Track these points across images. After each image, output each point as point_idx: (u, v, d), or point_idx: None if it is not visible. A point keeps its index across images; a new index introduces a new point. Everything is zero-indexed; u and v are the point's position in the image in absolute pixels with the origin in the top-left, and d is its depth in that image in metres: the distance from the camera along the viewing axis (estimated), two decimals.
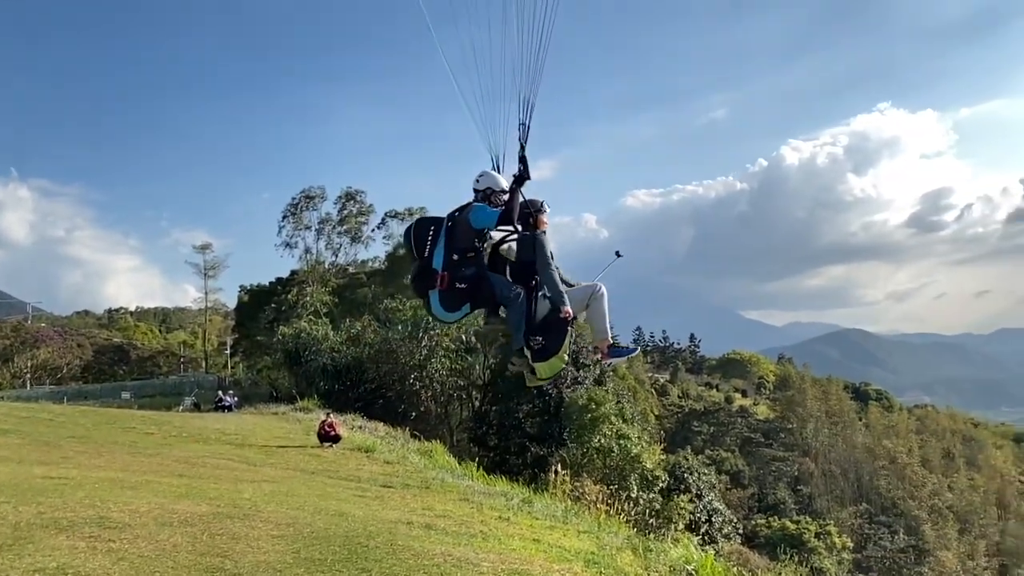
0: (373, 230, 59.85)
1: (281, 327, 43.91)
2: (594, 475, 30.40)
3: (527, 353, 7.02)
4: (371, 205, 60.51)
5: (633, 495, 29.63)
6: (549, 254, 7.13)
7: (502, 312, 7.20)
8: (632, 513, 27.65)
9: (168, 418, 26.51)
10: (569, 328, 7.07)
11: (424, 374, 36.39)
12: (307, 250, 60.25)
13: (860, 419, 71.23)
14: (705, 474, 39.51)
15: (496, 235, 7.34)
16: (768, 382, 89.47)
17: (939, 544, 57.36)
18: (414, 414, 35.82)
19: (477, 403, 39.40)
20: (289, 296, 54.14)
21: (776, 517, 49.23)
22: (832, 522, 51.00)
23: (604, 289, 7.48)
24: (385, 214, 59.32)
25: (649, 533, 23.77)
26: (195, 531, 6.42)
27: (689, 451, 47.31)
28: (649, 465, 31.74)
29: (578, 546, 8.97)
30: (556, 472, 24.00)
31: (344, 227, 59.75)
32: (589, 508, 21.10)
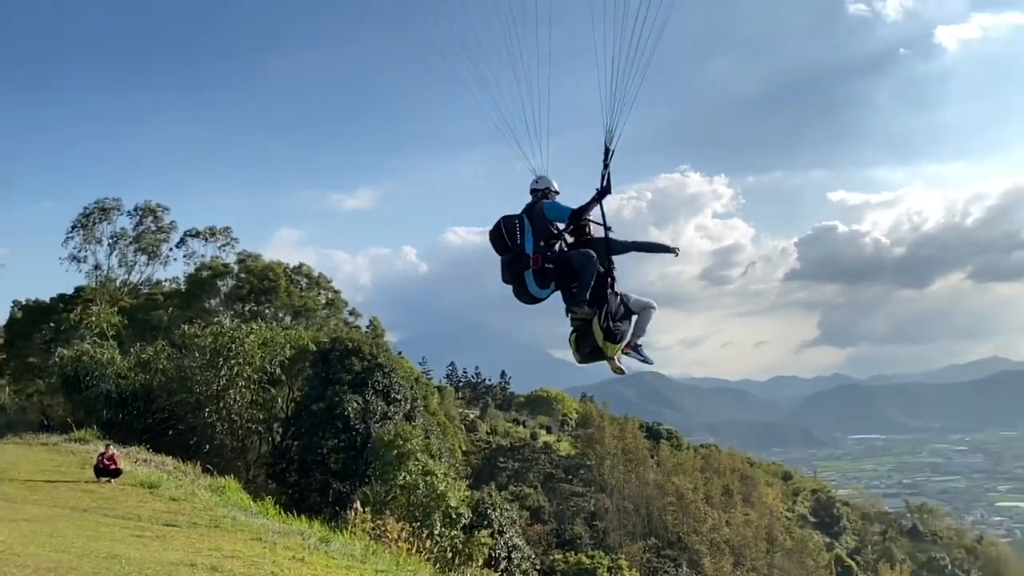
0: (172, 248, 56.06)
1: (60, 348, 39.70)
2: (398, 512, 29.90)
3: (581, 311, 9.04)
4: (173, 222, 56.76)
5: (436, 532, 29.46)
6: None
7: (576, 310, 9.04)
8: (434, 550, 27.48)
9: None
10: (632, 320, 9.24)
11: (221, 405, 34.30)
12: (97, 266, 55.33)
13: (652, 457, 75.46)
14: (507, 510, 40.13)
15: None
16: (571, 419, 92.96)
17: None
18: (207, 447, 33.59)
19: (278, 437, 37.69)
20: (72, 315, 49.27)
21: (573, 552, 50.86)
22: (623, 556, 53.53)
23: (656, 307, 9.65)
24: (186, 232, 55.79)
25: (449, 571, 23.72)
26: None
27: (493, 487, 47.90)
28: (453, 502, 31.75)
29: None
30: (357, 510, 23.39)
31: (140, 243, 55.53)
32: (390, 546, 20.74)
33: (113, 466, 18.38)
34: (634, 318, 9.40)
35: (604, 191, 9.11)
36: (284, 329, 41.57)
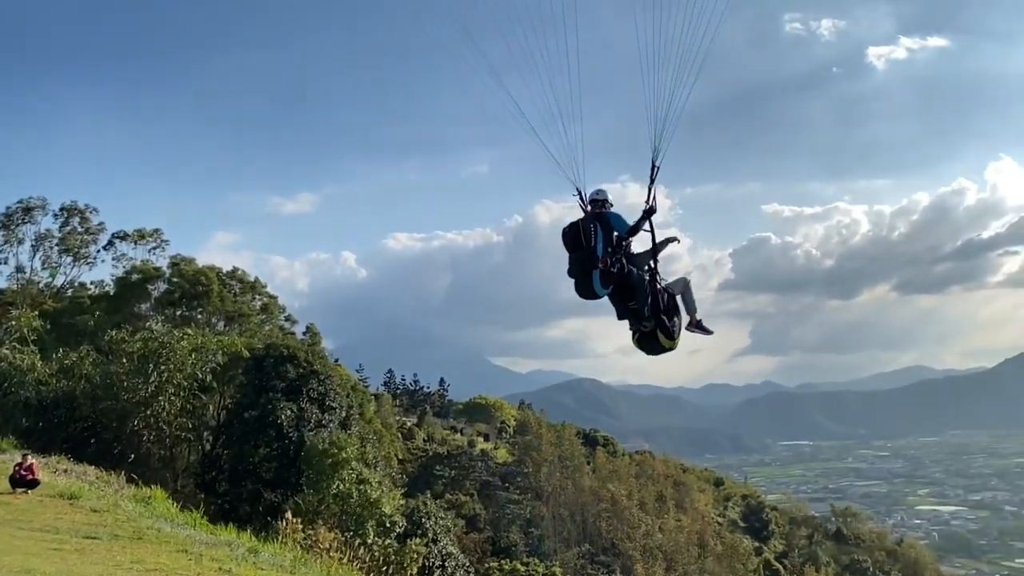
0: (99, 251, 54.29)
1: None
2: (330, 522, 29.59)
3: (650, 324, 10.44)
4: (101, 223, 54.99)
5: (369, 541, 29.23)
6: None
7: (646, 326, 10.44)
8: (367, 560, 27.28)
9: None
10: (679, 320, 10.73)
11: (149, 413, 33.36)
12: (19, 268, 53.25)
13: (588, 463, 76.20)
14: (442, 518, 40.05)
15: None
16: (509, 427, 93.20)
17: None
18: (133, 456, 32.64)
19: (209, 446, 36.86)
20: None
21: (508, 560, 50.96)
22: (558, 563, 53.92)
23: (691, 279, 11.12)
24: (113, 235, 54.07)
25: None
26: None
27: (429, 495, 47.72)
28: (388, 510, 31.56)
29: None
30: (288, 519, 23.08)
31: (65, 245, 53.61)
32: (322, 556, 20.54)
33: (30, 476, 17.75)
34: (679, 303, 10.87)
35: (652, 210, 10.50)
36: (217, 335, 40.72)
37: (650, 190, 10.47)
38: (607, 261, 10.20)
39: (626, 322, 10.62)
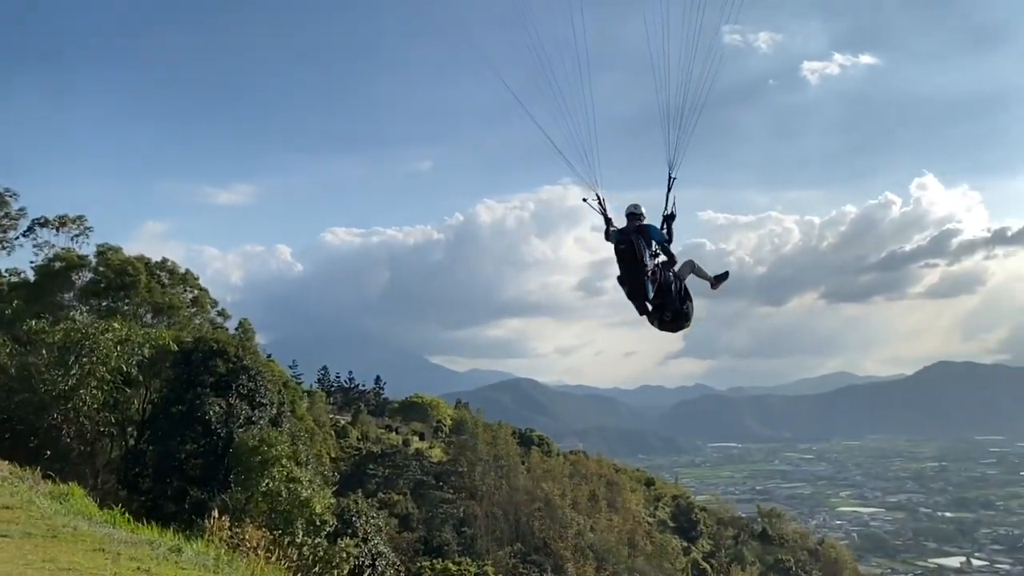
0: (18, 237, 51.89)
1: None
2: (259, 520, 29.01)
3: (671, 315, 12.50)
4: (23, 209, 52.57)
5: (298, 540, 28.78)
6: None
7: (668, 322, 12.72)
8: (295, 559, 26.84)
9: None
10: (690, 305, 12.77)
11: (69, 406, 32.08)
12: None
13: (523, 463, 76.57)
14: (374, 517, 39.69)
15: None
16: (445, 426, 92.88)
17: None
18: (49, 452, 31.34)
19: (132, 441, 35.69)
20: None
21: (440, 559, 50.84)
22: (490, 562, 54.01)
23: (695, 258, 12.85)
24: (34, 221, 51.75)
25: None
26: None
27: (361, 494, 47.21)
28: (318, 509, 31.10)
29: None
30: (215, 517, 22.53)
31: None
32: (248, 555, 20.12)
33: None
34: (690, 279, 12.80)
35: (672, 216, 12.63)
36: (144, 327, 39.45)
37: (668, 198, 12.51)
38: (656, 270, 12.23)
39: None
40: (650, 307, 12.42)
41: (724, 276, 13.29)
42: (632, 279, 12.14)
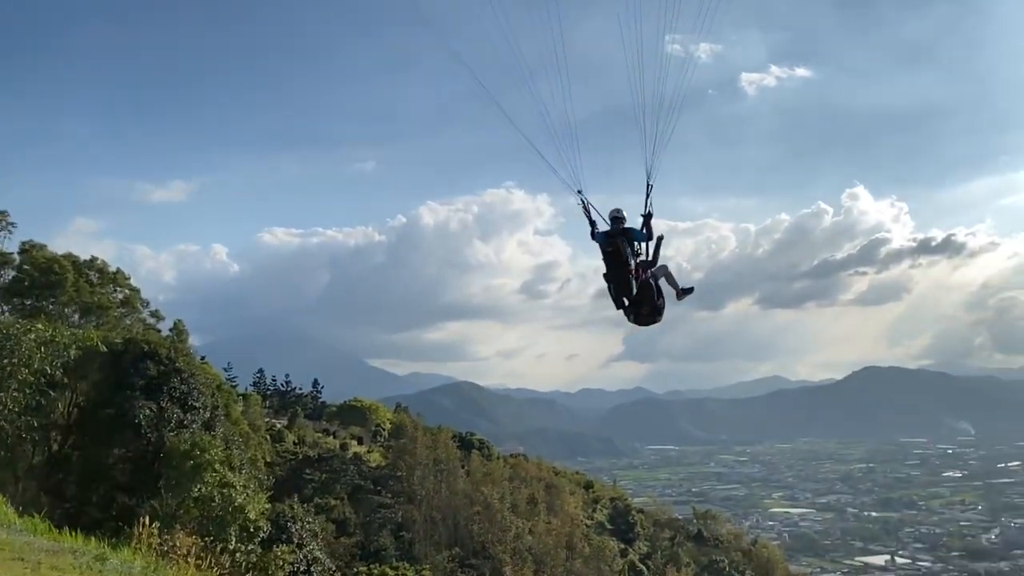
0: None
1: None
2: (190, 527, 28.29)
3: (648, 307, 14.03)
4: None
5: (231, 547, 28.16)
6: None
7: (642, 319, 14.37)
8: (228, 566, 26.27)
9: None
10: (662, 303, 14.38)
11: None
12: None
13: (463, 467, 76.37)
14: (310, 522, 39.09)
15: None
16: (384, 430, 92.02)
17: None
18: None
19: (56, 446, 34.39)
20: None
21: (377, 564, 50.33)
22: (428, 567, 53.72)
23: (670, 265, 14.54)
24: None
25: None
26: None
27: (296, 499, 46.46)
28: (252, 515, 30.48)
29: None
30: (143, 524, 21.89)
31: None
32: (178, 563, 19.66)
33: None
34: (664, 285, 14.37)
35: (650, 214, 13.95)
36: (71, 328, 38.10)
37: (646, 201, 13.91)
38: (639, 270, 13.93)
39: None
40: (627, 302, 13.89)
41: (690, 290, 14.91)
42: (618, 277, 13.68)
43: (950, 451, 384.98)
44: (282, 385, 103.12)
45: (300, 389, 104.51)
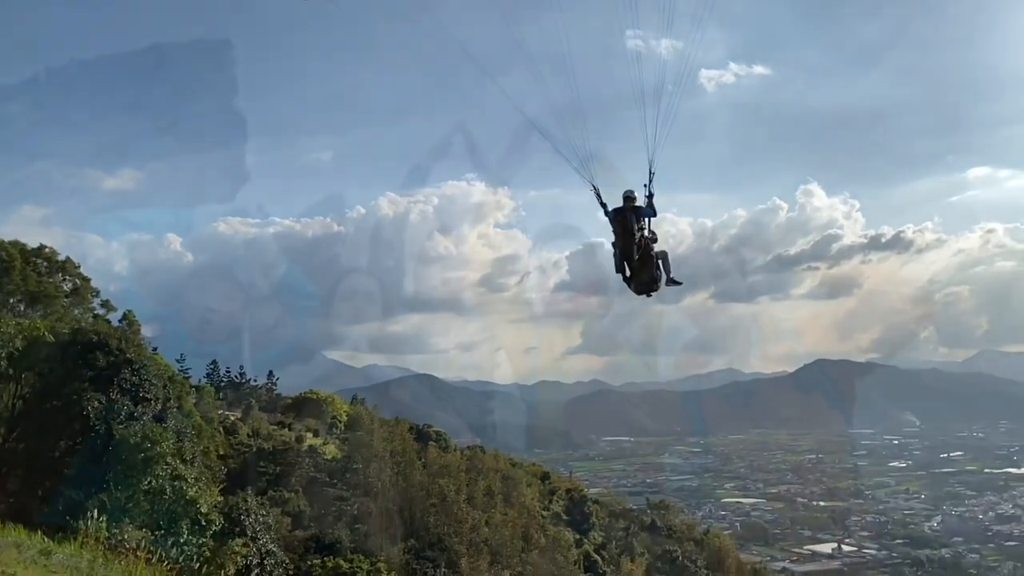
0: None
1: None
2: (140, 520, 27.91)
3: (647, 275, 16.52)
4: None
5: (182, 540, 27.85)
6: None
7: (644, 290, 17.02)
8: (180, 559, 25.97)
9: None
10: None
11: None
12: None
13: (420, 459, 76.16)
14: (263, 516, 38.78)
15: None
16: (341, 422, 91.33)
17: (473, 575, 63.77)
18: None
19: (1, 440, 33.57)
20: None
21: (332, 557, 50.03)
22: (383, 559, 53.53)
23: (666, 249, 16.75)
24: None
25: None
26: None
27: (250, 492, 45.94)
28: (204, 508, 30.17)
29: None
30: (91, 518, 21.57)
31: None
32: (127, 557, 19.40)
33: None
34: (660, 264, 16.61)
35: (652, 195, 16.58)
36: (16, 318, 37.15)
37: (648, 184, 16.40)
38: (643, 241, 16.30)
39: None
40: (628, 272, 16.33)
41: (679, 283, 17.26)
42: (624, 244, 16.20)
43: (896, 442, 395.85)
44: (236, 377, 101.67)
45: (255, 381, 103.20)
